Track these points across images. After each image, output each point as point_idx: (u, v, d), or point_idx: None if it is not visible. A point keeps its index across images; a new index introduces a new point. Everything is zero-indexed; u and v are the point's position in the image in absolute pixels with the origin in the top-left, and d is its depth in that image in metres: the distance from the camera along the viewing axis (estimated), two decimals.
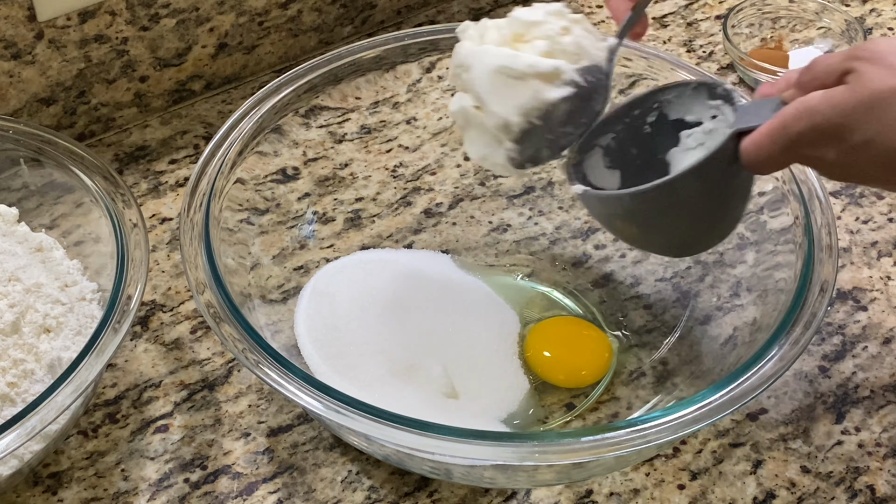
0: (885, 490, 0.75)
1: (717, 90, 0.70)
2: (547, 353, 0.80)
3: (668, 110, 0.73)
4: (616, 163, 0.74)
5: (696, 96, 0.72)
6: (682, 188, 0.67)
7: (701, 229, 0.71)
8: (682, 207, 0.68)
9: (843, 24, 1.04)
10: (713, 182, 0.67)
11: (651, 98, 0.74)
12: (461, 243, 0.88)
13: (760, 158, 0.65)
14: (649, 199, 0.68)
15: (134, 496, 0.74)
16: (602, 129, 0.74)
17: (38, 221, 0.84)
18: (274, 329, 0.78)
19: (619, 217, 0.71)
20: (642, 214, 0.69)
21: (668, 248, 0.75)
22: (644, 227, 0.70)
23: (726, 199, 0.69)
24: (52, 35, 0.90)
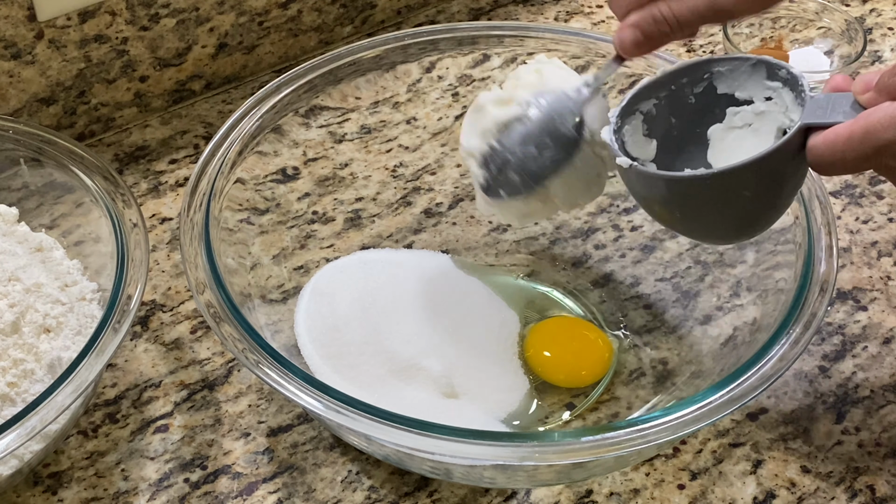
0: (885, 490, 0.75)
1: (780, 72, 0.67)
2: (547, 353, 0.80)
3: (718, 82, 0.70)
4: (654, 131, 0.71)
5: (752, 73, 0.68)
6: (739, 179, 0.64)
7: (746, 220, 0.68)
8: (732, 198, 0.65)
9: (843, 24, 1.04)
10: (770, 175, 0.64)
11: (702, 67, 0.70)
12: (461, 243, 0.88)
13: (832, 160, 0.61)
14: (701, 187, 0.64)
15: (134, 496, 0.74)
16: (645, 94, 0.70)
17: (38, 221, 0.84)
18: (274, 329, 0.78)
19: (661, 199, 0.67)
20: (689, 200, 0.66)
21: (706, 236, 0.72)
22: (687, 212, 0.67)
23: (778, 192, 0.66)
24: (52, 35, 0.90)
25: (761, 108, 0.69)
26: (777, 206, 0.68)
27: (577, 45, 0.88)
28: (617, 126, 0.69)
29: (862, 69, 1.04)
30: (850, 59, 1.01)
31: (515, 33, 0.88)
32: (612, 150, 0.68)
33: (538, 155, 0.70)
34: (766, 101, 0.68)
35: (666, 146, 0.71)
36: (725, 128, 0.70)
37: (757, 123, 0.69)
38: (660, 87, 0.70)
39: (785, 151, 0.63)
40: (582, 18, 1.09)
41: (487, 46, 0.89)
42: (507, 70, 0.91)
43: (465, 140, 0.73)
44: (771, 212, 0.68)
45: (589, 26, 1.08)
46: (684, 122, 0.71)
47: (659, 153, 0.71)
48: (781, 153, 0.63)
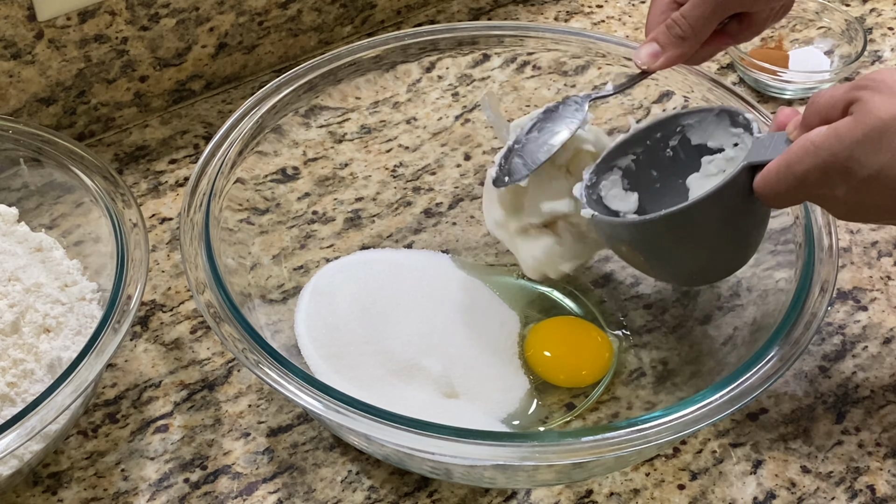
0: (885, 490, 0.75)
1: (738, 118, 0.70)
2: (547, 352, 0.80)
3: (691, 134, 0.73)
4: (635, 185, 0.74)
5: (718, 122, 0.72)
6: (693, 218, 0.67)
7: (712, 260, 0.71)
8: (692, 237, 0.68)
9: (843, 24, 1.04)
10: (726, 213, 0.67)
11: (674, 121, 0.73)
12: (461, 243, 0.88)
13: (770, 194, 0.64)
14: (658, 228, 0.68)
15: (134, 496, 0.74)
16: (622, 151, 0.74)
17: (38, 221, 0.84)
18: (274, 329, 0.78)
19: (626, 244, 0.71)
20: (650, 242, 0.69)
21: (676, 277, 0.75)
22: (652, 254, 0.70)
23: (739, 230, 0.69)
24: (52, 35, 0.90)
25: (731, 155, 0.72)
26: (742, 246, 0.70)
27: (577, 45, 0.88)
28: (591, 182, 0.73)
29: (862, 69, 1.04)
30: (850, 59, 1.01)
31: (515, 33, 0.88)
32: (581, 202, 0.72)
33: (538, 137, 0.74)
34: (734, 146, 0.71)
35: (648, 198, 0.74)
36: (702, 176, 0.73)
37: (729, 169, 0.71)
38: (635, 143, 0.74)
39: (733, 188, 0.66)
40: (582, 18, 1.09)
41: (487, 46, 0.89)
42: (506, 70, 0.91)
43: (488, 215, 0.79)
44: (737, 251, 0.71)
45: (589, 26, 1.08)
46: (665, 173, 0.74)
47: (642, 205, 0.74)
48: (730, 189, 0.66)
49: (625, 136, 0.74)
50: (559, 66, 0.90)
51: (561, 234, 0.78)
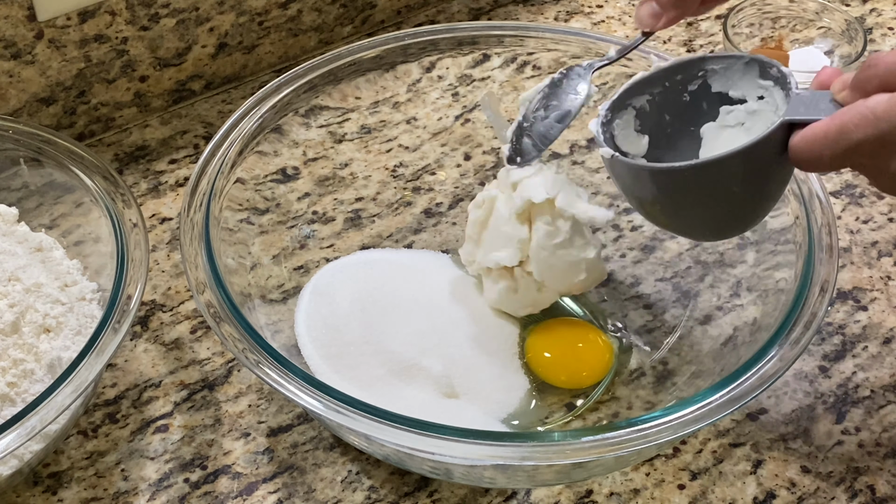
0: (885, 490, 0.75)
1: (771, 70, 0.67)
2: (547, 353, 0.79)
3: (712, 80, 0.70)
4: (646, 127, 0.71)
5: (746, 72, 0.68)
6: (721, 172, 0.63)
7: (731, 215, 0.67)
8: (715, 192, 0.65)
9: (843, 23, 1.04)
10: (755, 169, 0.64)
11: (697, 65, 0.70)
12: (461, 243, 0.88)
13: (810, 158, 0.61)
14: (684, 178, 0.64)
15: (134, 496, 0.74)
16: (638, 90, 0.71)
17: (38, 221, 0.84)
18: (274, 329, 0.78)
19: (646, 191, 0.67)
20: (671, 192, 0.66)
21: (690, 231, 0.72)
22: (670, 204, 0.67)
23: (762, 188, 0.66)
24: (52, 35, 0.90)
25: (754, 108, 0.69)
26: (762, 203, 0.67)
27: (577, 45, 0.88)
28: (606, 119, 0.70)
29: None
30: (850, 59, 1.01)
31: (515, 33, 0.88)
32: (598, 141, 0.69)
33: (545, 116, 0.73)
34: (758, 100, 0.68)
35: (658, 142, 0.71)
36: (718, 126, 0.70)
37: (749, 122, 0.69)
38: (654, 83, 0.71)
39: (767, 145, 0.63)
40: (582, 18, 1.09)
41: (487, 46, 0.89)
42: (506, 70, 0.91)
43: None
44: (756, 208, 0.67)
45: (589, 26, 1.08)
46: (677, 119, 0.71)
47: (651, 149, 0.71)
48: (763, 146, 0.63)
49: (645, 74, 0.71)
50: (559, 66, 0.90)
51: (518, 280, 0.78)
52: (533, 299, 0.79)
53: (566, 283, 0.77)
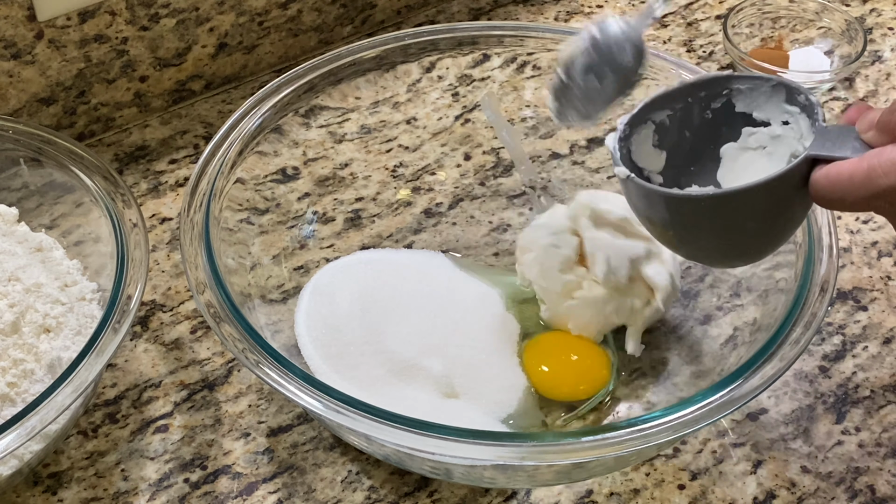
0: (885, 490, 0.75)
1: (799, 97, 0.65)
2: (545, 367, 0.79)
3: (737, 100, 0.68)
4: (665, 143, 0.69)
5: (772, 95, 0.67)
6: (740, 203, 0.62)
7: (744, 246, 0.66)
8: (732, 222, 0.64)
9: (843, 24, 1.04)
10: (773, 203, 0.62)
11: (722, 83, 0.68)
12: (461, 243, 0.88)
13: (832, 198, 0.60)
14: (700, 206, 0.63)
15: (134, 496, 0.74)
16: (660, 104, 0.69)
17: (38, 221, 0.84)
18: (274, 329, 0.78)
19: (659, 215, 0.66)
20: (687, 219, 0.65)
21: (700, 257, 0.70)
22: (684, 230, 0.66)
23: (780, 221, 0.64)
24: (52, 35, 0.90)
25: (777, 132, 0.67)
26: (778, 235, 0.66)
27: None
28: (625, 134, 0.68)
29: (862, 69, 1.04)
30: (850, 59, 1.01)
31: (515, 33, 0.88)
32: (614, 159, 0.67)
33: (599, 87, 0.70)
34: (783, 124, 0.67)
35: (675, 160, 0.69)
36: (739, 147, 0.69)
37: (771, 147, 0.67)
38: (676, 98, 0.69)
39: (788, 180, 0.61)
40: (582, 18, 1.09)
41: (487, 46, 0.89)
42: (506, 70, 0.91)
43: None
44: (772, 240, 0.66)
45: None
46: (697, 136, 0.69)
47: (667, 166, 0.70)
48: (785, 180, 0.61)
49: (667, 89, 0.69)
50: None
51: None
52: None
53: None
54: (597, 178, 0.89)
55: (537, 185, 0.90)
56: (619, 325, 0.79)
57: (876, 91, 1.02)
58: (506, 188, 0.90)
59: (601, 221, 0.78)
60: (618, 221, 0.78)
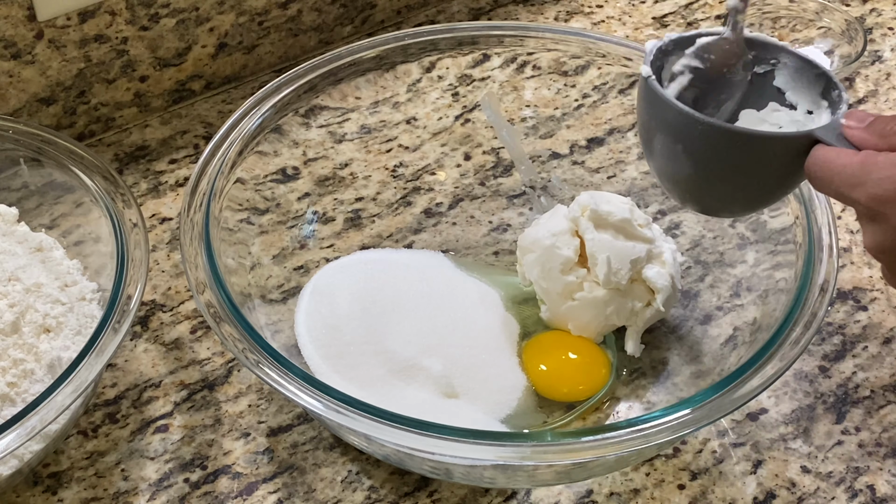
0: (885, 490, 0.75)
1: (833, 92, 0.66)
2: (543, 366, 0.79)
3: (779, 73, 0.69)
4: (695, 81, 0.69)
5: (812, 83, 0.68)
6: (741, 144, 0.63)
7: (725, 190, 0.67)
8: (725, 160, 0.64)
9: (843, 24, 1.04)
10: (769, 158, 0.64)
11: (776, 52, 0.69)
12: (461, 243, 0.88)
13: (821, 176, 0.62)
14: (702, 132, 0.63)
15: (134, 496, 0.74)
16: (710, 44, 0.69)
17: (38, 221, 0.84)
18: (274, 329, 0.78)
19: (659, 127, 0.66)
20: (684, 140, 0.65)
21: (677, 187, 0.69)
22: (675, 153, 0.66)
23: (767, 178, 0.65)
24: (52, 35, 0.90)
25: (799, 118, 0.68)
26: (759, 193, 0.67)
27: (577, 45, 0.88)
28: (667, 48, 0.68)
29: (862, 69, 1.04)
30: (850, 59, 1.01)
31: (515, 33, 0.88)
32: (645, 59, 0.67)
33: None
34: (807, 113, 0.68)
35: (697, 100, 0.69)
36: (758, 118, 0.69)
37: (787, 130, 0.68)
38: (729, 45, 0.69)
39: (789, 144, 0.63)
40: (582, 18, 1.09)
41: (487, 46, 0.89)
42: (506, 70, 0.91)
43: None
44: (750, 196, 0.67)
45: (589, 26, 1.08)
46: (727, 90, 0.69)
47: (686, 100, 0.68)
48: (786, 144, 0.63)
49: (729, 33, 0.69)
50: (559, 66, 0.90)
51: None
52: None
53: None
54: (597, 178, 0.89)
55: (537, 185, 0.90)
56: (620, 326, 0.79)
57: (876, 91, 1.02)
58: (506, 188, 0.90)
59: (602, 223, 0.78)
60: (619, 223, 0.78)
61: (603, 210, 0.78)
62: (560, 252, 0.78)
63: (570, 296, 0.79)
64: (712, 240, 0.85)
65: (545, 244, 0.79)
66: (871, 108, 1.00)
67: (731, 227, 0.84)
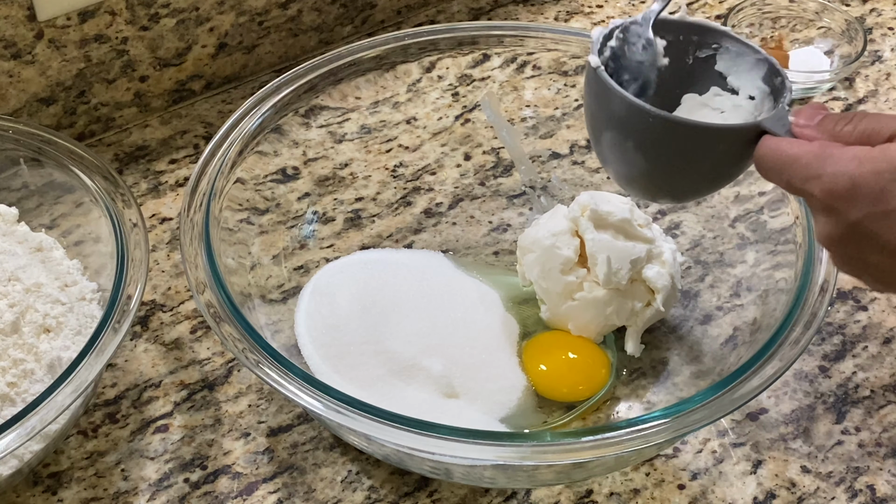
0: (885, 490, 0.75)
1: (776, 79, 0.66)
2: (543, 366, 0.79)
3: (720, 58, 0.69)
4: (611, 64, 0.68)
5: (754, 67, 0.68)
6: (685, 135, 0.63)
7: (670, 179, 0.67)
8: (670, 151, 0.64)
9: (843, 23, 1.04)
10: (713, 148, 0.64)
11: (716, 36, 0.69)
12: (461, 243, 0.88)
13: (772, 167, 0.61)
14: (649, 123, 0.64)
15: (134, 496, 0.74)
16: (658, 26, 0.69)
17: (38, 221, 0.84)
18: (274, 329, 0.78)
19: (605, 116, 0.66)
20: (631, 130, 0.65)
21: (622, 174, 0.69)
22: (620, 142, 0.66)
23: (710, 169, 0.66)
24: (52, 35, 0.90)
25: (740, 103, 0.69)
26: (702, 182, 0.67)
27: (577, 45, 0.88)
28: (618, 36, 0.68)
29: (862, 69, 1.04)
30: (850, 59, 1.01)
31: (515, 33, 0.88)
32: (592, 48, 0.67)
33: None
34: (748, 98, 0.68)
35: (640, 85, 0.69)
36: (701, 102, 0.70)
37: (729, 114, 0.68)
38: (670, 29, 0.69)
39: (735, 135, 0.63)
40: (582, 18, 1.09)
41: (487, 46, 0.89)
42: (506, 70, 0.91)
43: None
44: (694, 184, 0.67)
45: (589, 26, 1.08)
46: (669, 74, 0.70)
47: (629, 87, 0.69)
48: (731, 135, 0.63)
49: (668, 17, 0.69)
50: (559, 66, 0.90)
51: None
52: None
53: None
54: (597, 178, 0.89)
55: (537, 185, 0.90)
56: (620, 326, 0.79)
57: (876, 91, 1.02)
58: (506, 188, 0.90)
59: (602, 223, 0.78)
60: (619, 223, 0.78)
61: (603, 210, 0.78)
62: (560, 252, 0.78)
63: (570, 296, 0.79)
64: (712, 240, 0.85)
65: (545, 244, 0.79)
66: (870, 108, 1.00)
67: (731, 227, 0.84)
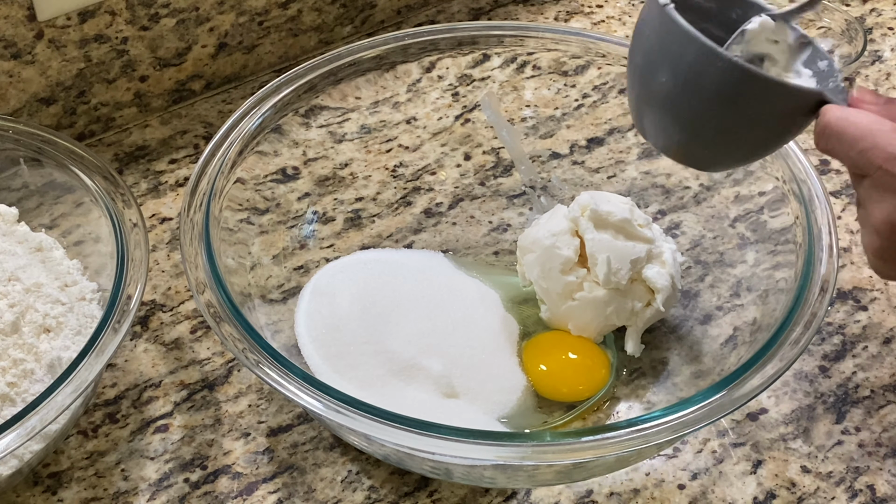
0: (885, 490, 0.75)
1: (820, 62, 0.66)
2: (543, 366, 0.79)
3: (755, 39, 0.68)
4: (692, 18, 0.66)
5: (796, 50, 0.67)
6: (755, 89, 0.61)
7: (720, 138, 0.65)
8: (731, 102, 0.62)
9: (843, 24, 1.04)
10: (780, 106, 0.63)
11: (759, 11, 0.67)
12: (461, 243, 0.88)
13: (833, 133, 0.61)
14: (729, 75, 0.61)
15: (134, 496, 0.74)
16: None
17: (38, 221, 0.84)
18: (274, 329, 0.78)
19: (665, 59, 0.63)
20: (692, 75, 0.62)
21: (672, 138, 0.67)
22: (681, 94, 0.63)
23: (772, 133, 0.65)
24: (52, 35, 0.90)
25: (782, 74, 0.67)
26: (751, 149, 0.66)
27: (577, 45, 0.88)
28: None
29: (862, 69, 1.04)
30: (850, 59, 1.01)
31: (515, 33, 0.88)
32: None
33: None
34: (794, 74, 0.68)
35: None
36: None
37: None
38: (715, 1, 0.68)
39: (799, 98, 0.63)
40: (582, 18, 1.09)
41: (487, 46, 0.89)
42: (506, 70, 0.91)
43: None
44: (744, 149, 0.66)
45: (589, 26, 1.08)
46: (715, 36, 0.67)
47: None
48: (797, 97, 0.63)
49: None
50: (559, 66, 0.90)
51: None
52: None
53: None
54: (597, 178, 0.89)
55: (537, 185, 0.90)
56: (620, 326, 0.79)
57: (876, 91, 1.02)
58: (506, 188, 0.90)
59: (602, 223, 0.78)
60: (619, 223, 0.78)
61: (603, 210, 0.78)
62: (560, 252, 0.78)
63: (570, 296, 0.79)
64: (712, 240, 0.85)
65: (545, 244, 0.79)
66: None
67: (731, 227, 0.84)
